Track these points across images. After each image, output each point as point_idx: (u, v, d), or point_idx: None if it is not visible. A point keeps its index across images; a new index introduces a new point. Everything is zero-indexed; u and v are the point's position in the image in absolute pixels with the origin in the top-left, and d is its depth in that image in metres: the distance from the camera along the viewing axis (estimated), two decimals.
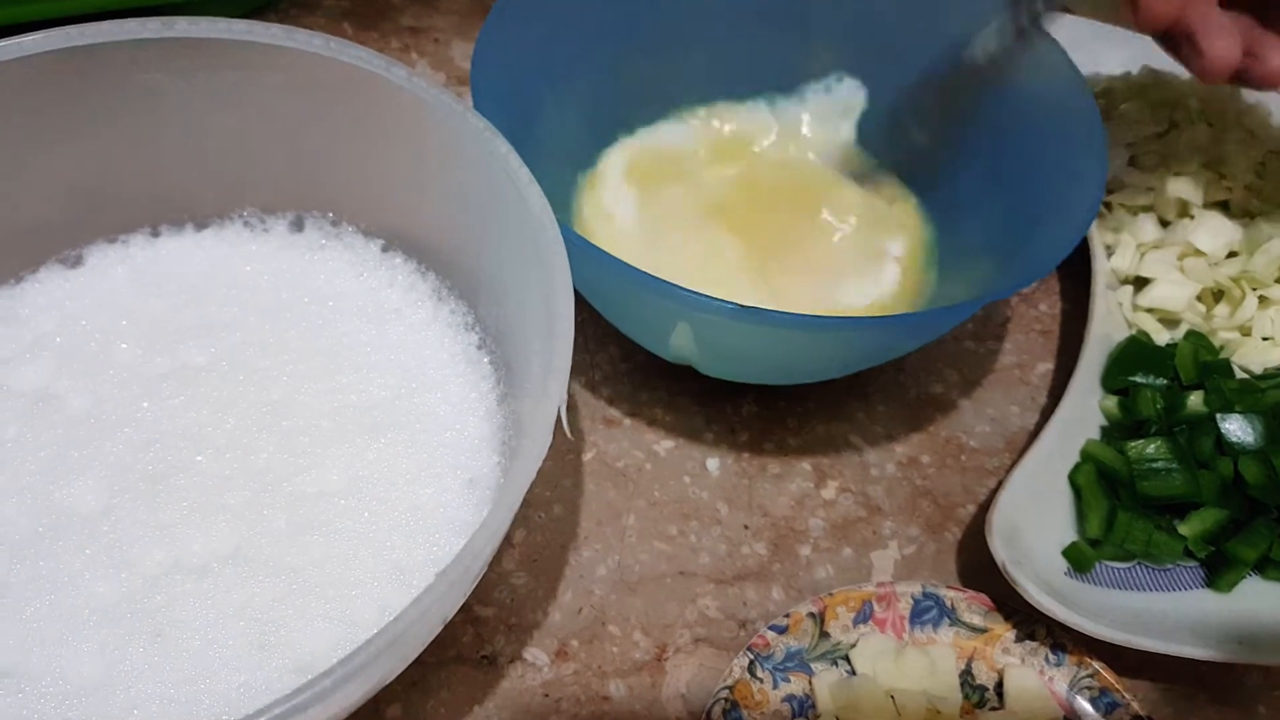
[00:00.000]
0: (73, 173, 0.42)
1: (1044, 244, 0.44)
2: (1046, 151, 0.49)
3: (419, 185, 0.43)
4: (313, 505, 0.37)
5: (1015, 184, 0.50)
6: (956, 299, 0.49)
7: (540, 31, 0.50)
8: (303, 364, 0.41)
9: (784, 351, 0.45)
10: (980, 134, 0.52)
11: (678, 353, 0.46)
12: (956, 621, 0.44)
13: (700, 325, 0.42)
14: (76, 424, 0.38)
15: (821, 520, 0.48)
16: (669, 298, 0.39)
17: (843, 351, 0.45)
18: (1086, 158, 0.46)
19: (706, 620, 0.44)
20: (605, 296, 0.46)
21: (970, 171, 0.53)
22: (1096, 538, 0.46)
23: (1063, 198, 0.46)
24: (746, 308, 0.38)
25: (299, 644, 0.34)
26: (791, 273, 0.51)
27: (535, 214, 0.37)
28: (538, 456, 0.31)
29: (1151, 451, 0.47)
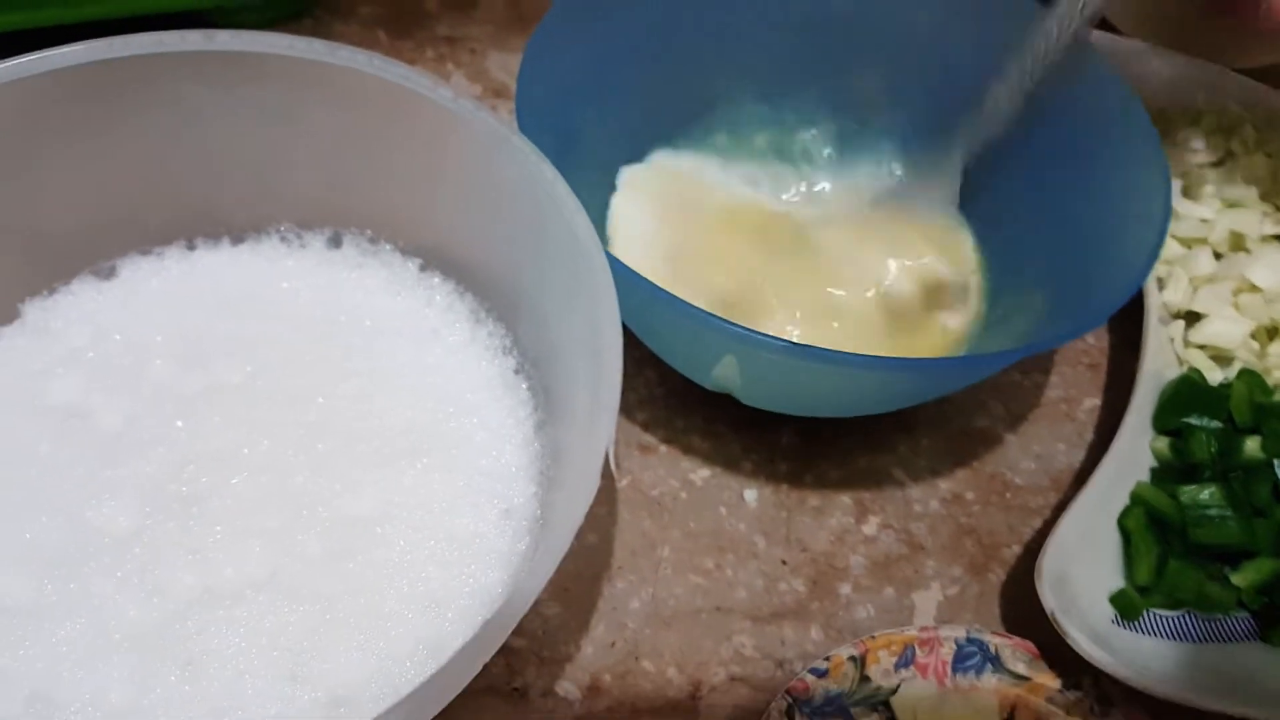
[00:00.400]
0: (108, 183, 0.42)
1: (1101, 288, 0.44)
2: (1108, 189, 0.48)
3: (459, 205, 0.43)
4: (348, 531, 0.37)
5: (1072, 219, 0.49)
6: (1007, 330, 0.49)
7: (584, 52, 0.49)
8: (339, 384, 0.41)
9: (831, 387, 0.44)
10: (1038, 165, 0.52)
11: (719, 384, 0.45)
12: (1000, 669, 0.44)
13: (747, 359, 0.42)
14: (109, 442, 0.38)
15: (862, 557, 0.47)
16: (719, 333, 0.38)
17: (891, 390, 0.45)
18: (1150, 200, 0.45)
19: (743, 659, 0.44)
20: (646, 325, 0.46)
21: (1025, 203, 0.52)
22: (1146, 585, 0.45)
23: (1122, 239, 0.45)
24: (799, 345, 0.38)
25: (332, 676, 0.34)
26: (832, 302, 0.51)
27: (582, 243, 0.36)
28: (586, 499, 0.31)
29: (1205, 498, 0.46)
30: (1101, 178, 0.49)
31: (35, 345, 0.40)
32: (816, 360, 0.38)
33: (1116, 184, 0.48)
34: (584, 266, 0.36)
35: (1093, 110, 0.50)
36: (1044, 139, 0.51)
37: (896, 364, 0.41)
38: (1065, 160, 0.51)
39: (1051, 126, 0.51)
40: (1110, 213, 0.47)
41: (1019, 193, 0.53)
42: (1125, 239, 0.45)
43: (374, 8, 0.66)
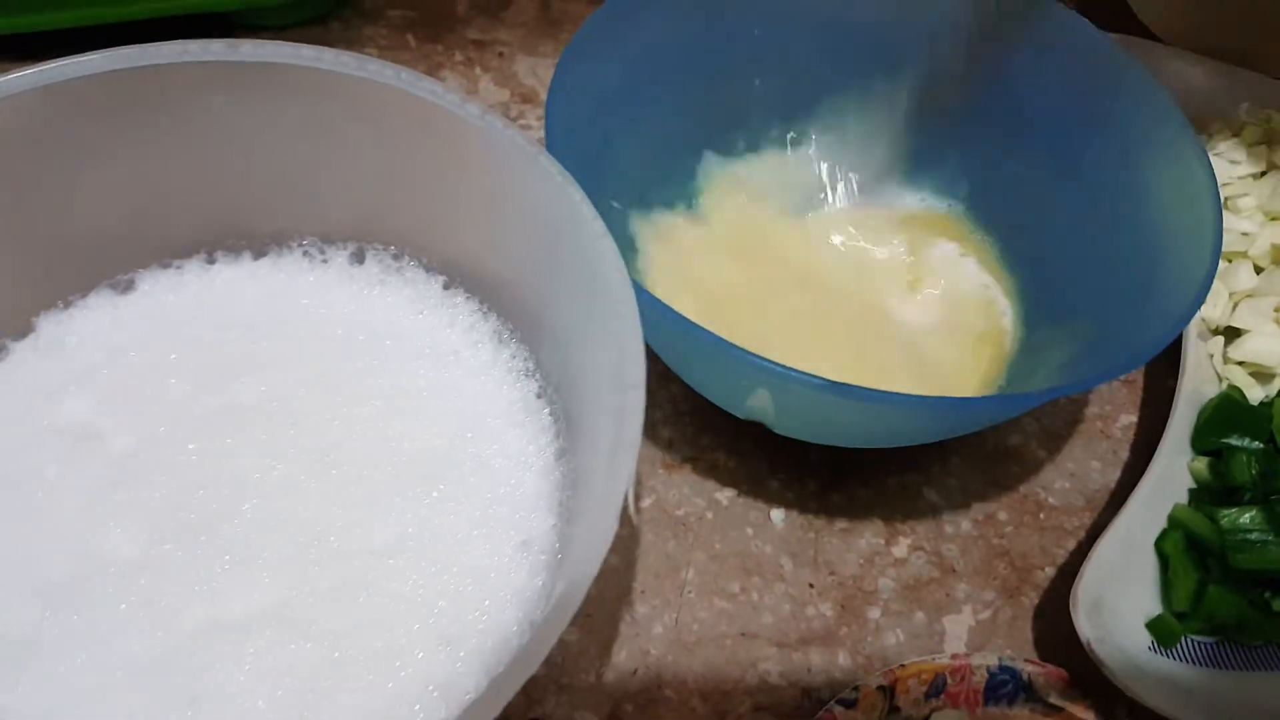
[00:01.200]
0: (128, 194, 0.39)
1: (1146, 321, 0.40)
2: (1154, 214, 0.44)
3: (485, 222, 0.40)
4: (359, 564, 0.34)
5: (1116, 244, 0.46)
6: (1046, 359, 0.45)
7: (615, 69, 0.46)
8: (356, 408, 0.38)
9: (866, 422, 0.41)
10: (1080, 185, 0.48)
11: (751, 414, 0.42)
12: (1033, 698, 0.40)
13: (783, 393, 0.39)
14: (119, 465, 0.35)
15: (892, 580, 0.44)
16: (756, 369, 0.35)
17: (928, 425, 0.41)
18: (1199, 229, 0.41)
19: (768, 687, 0.41)
20: (677, 355, 0.43)
21: (1066, 225, 0.49)
22: (1184, 611, 0.42)
23: (1169, 268, 0.42)
24: (835, 383, 0.34)
25: (339, 718, 0.31)
26: (872, 338, 0.48)
27: (607, 270, 0.33)
28: (600, 550, 0.28)
29: (1246, 521, 0.43)
30: (1148, 201, 0.45)
31: (48, 362, 0.37)
32: (853, 398, 0.35)
33: (1164, 209, 0.44)
34: (608, 293, 0.33)
35: (1135, 128, 0.46)
36: (1086, 158, 0.48)
37: (935, 403, 0.38)
38: (1110, 180, 0.47)
39: (1096, 147, 0.47)
40: (1157, 240, 0.43)
41: (1059, 214, 0.49)
42: (1172, 268, 0.41)
43: (403, 10, 0.63)
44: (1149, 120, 0.45)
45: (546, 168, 0.36)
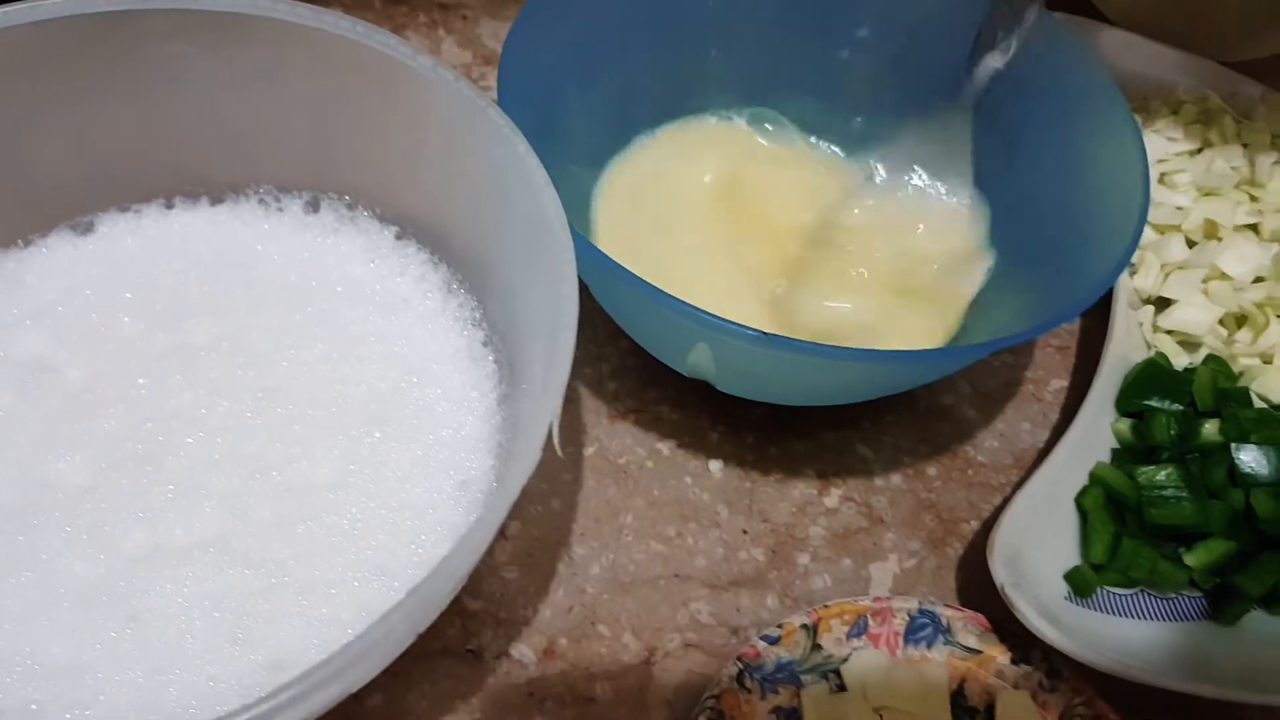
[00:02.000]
0: (90, 138, 0.39)
1: (1078, 281, 0.40)
2: (1086, 181, 0.45)
3: (437, 175, 0.40)
4: (300, 497, 0.34)
5: (1051, 211, 0.46)
6: (986, 322, 0.46)
7: (571, 31, 0.46)
8: (304, 350, 0.38)
9: (806, 378, 0.41)
10: (1017, 156, 0.48)
11: (695, 370, 0.42)
12: (951, 641, 0.41)
13: (720, 348, 0.39)
14: (71, 397, 0.36)
15: (822, 529, 0.44)
16: (691, 320, 0.35)
17: (866, 380, 0.41)
18: (1127, 195, 0.42)
19: (698, 625, 0.41)
20: (622, 311, 0.43)
21: (1004, 194, 0.49)
22: (1100, 563, 0.43)
23: (1100, 233, 0.42)
24: (769, 335, 0.35)
25: (273, 640, 0.31)
26: (812, 292, 0.48)
27: (547, 217, 0.33)
28: (525, 472, 0.28)
29: (1162, 478, 0.43)
30: (1080, 170, 0.45)
31: (6, 297, 0.38)
32: (786, 350, 0.35)
33: (1095, 177, 0.44)
34: (548, 241, 0.33)
35: (1075, 101, 0.46)
36: (1027, 130, 0.48)
37: (867, 355, 0.38)
38: (1045, 151, 0.47)
39: (1036, 119, 0.47)
40: (1088, 206, 0.44)
41: (997, 182, 0.49)
42: (1102, 232, 0.42)
43: None
44: (1087, 95, 0.45)
45: (494, 120, 0.36)
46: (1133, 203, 0.41)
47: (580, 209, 0.48)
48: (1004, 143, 0.49)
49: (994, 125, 0.49)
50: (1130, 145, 0.43)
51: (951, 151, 0.51)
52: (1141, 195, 0.41)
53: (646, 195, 0.51)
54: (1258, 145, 0.55)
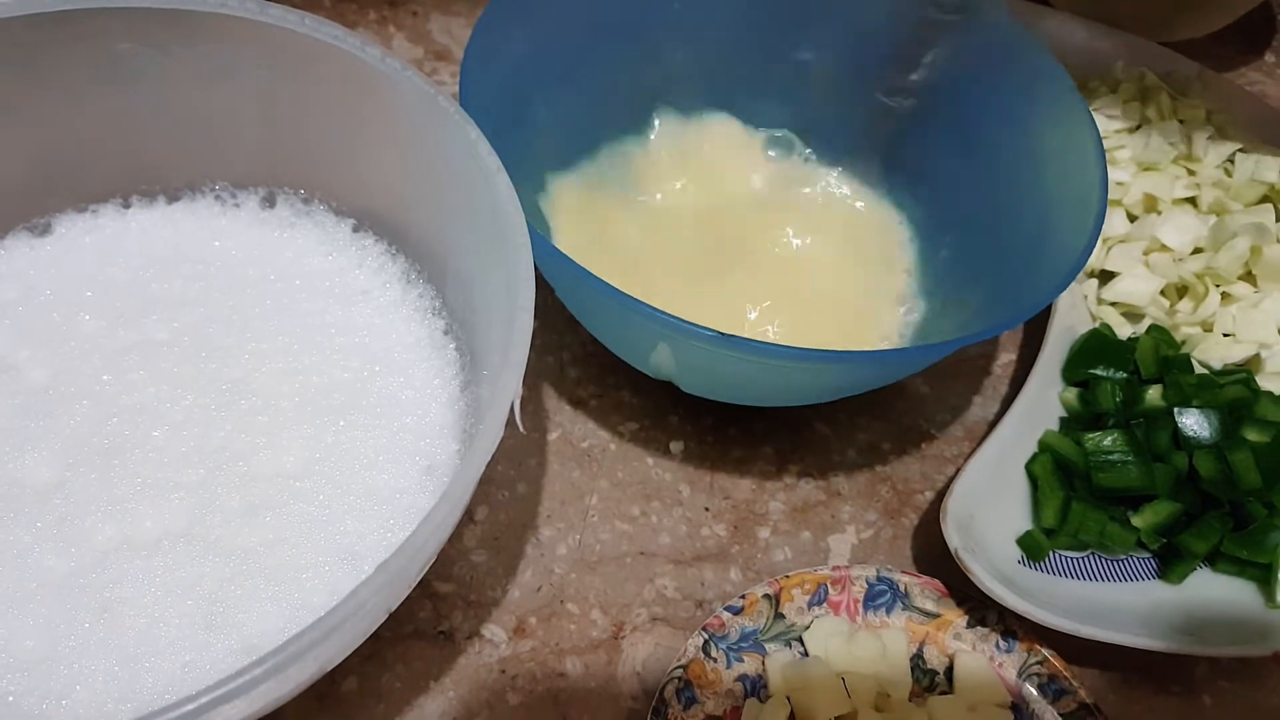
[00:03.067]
0: (44, 140, 0.39)
1: (1035, 279, 0.41)
2: (1042, 175, 0.46)
3: (390, 165, 0.41)
4: (267, 486, 0.35)
5: (1006, 209, 0.47)
6: (943, 325, 0.47)
7: (534, 33, 0.46)
8: (265, 343, 0.38)
9: (767, 378, 0.41)
10: (974, 157, 0.49)
11: (658, 371, 0.43)
12: (909, 606, 0.42)
13: (681, 348, 0.39)
14: (34, 395, 0.36)
15: (781, 504, 0.46)
16: (651, 321, 0.36)
17: (829, 380, 0.42)
18: (1084, 190, 0.42)
19: (664, 600, 0.42)
20: (586, 312, 0.43)
21: (962, 194, 0.50)
22: (1051, 527, 0.44)
23: (1057, 231, 0.43)
24: (727, 335, 0.35)
25: (246, 626, 0.32)
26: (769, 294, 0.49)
27: (501, 202, 0.34)
28: (488, 449, 0.29)
29: (1108, 444, 0.45)
30: (1040, 168, 0.46)
31: None
32: (746, 351, 0.36)
33: (1054, 176, 0.45)
34: (502, 225, 0.34)
35: (1029, 97, 0.47)
36: (983, 127, 0.49)
37: (827, 356, 0.37)
38: (1005, 150, 0.48)
39: (992, 117, 0.48)
40: (1047, 204, 0.44)
41: (959, 183, 0.50)
42: (1060, 231, 0.42)
43: None
44: (1044, 93, 0.46)
45: (444, 107, 0.36)
46: (1089, 202, 0.42)
47: (544, 211, 0.49)
48: (962, 142, 0.50)
49: (952, 125, 0.50)
50: (1088, 143, 0.43)
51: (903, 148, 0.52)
52: (1099, 192, 0.42)
53: (610, 197, 0.51)
54: (1194, 121, 0.57)
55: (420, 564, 0.29)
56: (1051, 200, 0.45)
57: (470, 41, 0.42)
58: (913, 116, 0.52)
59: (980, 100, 0.49)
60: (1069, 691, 0.41)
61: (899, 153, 0.53)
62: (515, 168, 0.36)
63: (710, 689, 0.39)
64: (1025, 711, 0.41)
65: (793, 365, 0.38)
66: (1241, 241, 0.51)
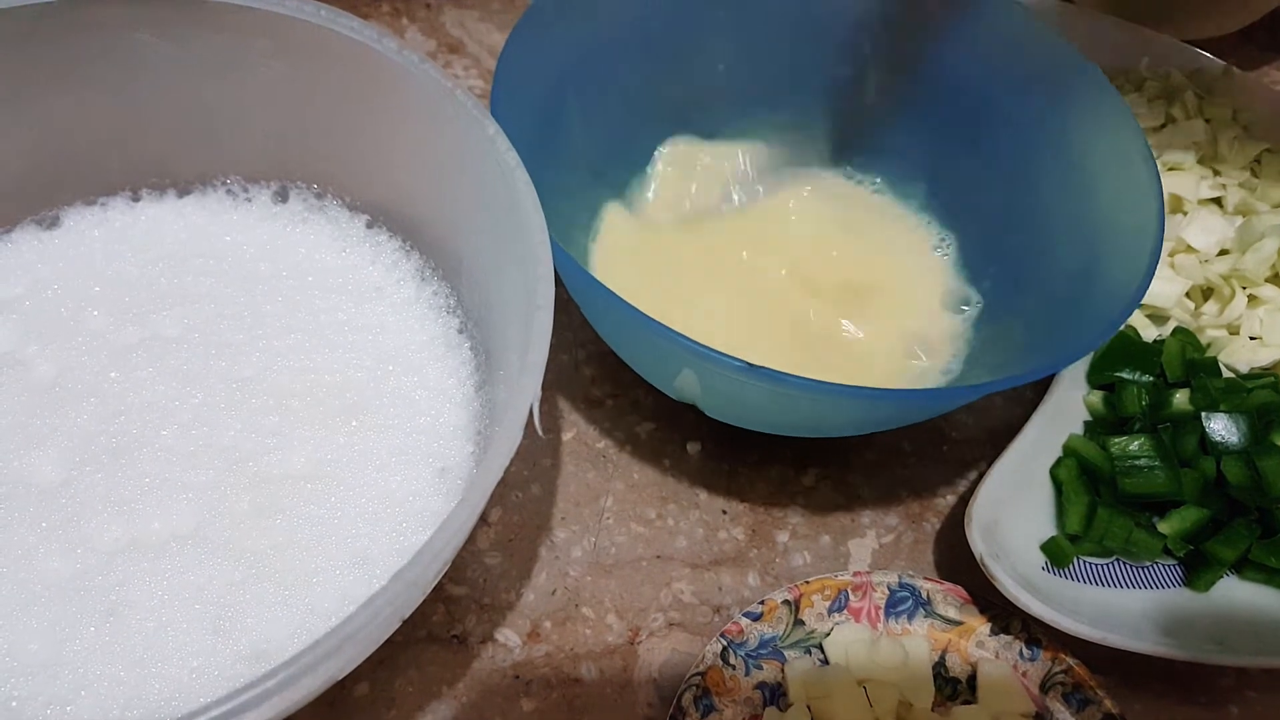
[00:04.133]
0: (54, 131, 0.39)
1: (1085, 312, 0.39)
2: (1092, 207, 0.43)
3: (406, 161, 0.40)
4: (277, 488, 0.34)
5: (1052, 234, 0.45)
6: (986, 360, 0.45)
7: (572, 44, 0.44)
8: (277, 340, 0.38)
9: (796, 412, 0.39)
10: (1031, 191, 0.47)
11: (681, 395, 0.41)
12: (932, 613, 0.41)
13: (707, 376, 0.37)
14: (41, 392, 0.35)
15: (800, 507, 0.45)
16: (677, 347, 0.34)
17: (858, 416, 0.40)
18: (1142, 213, 0.40)
19: (681, 605, 0.41)
20: (613, 333, 0.41)
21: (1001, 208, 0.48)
22: (1076, 533, 0.43)
23: (1109, 267, 0.40)
24: (755, 367, 0.33)
25: (255, 630, 0.31)
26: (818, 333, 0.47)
27: (520, 199, 0.33)
28: (506, 454, 0.28)
29: (1134, 448, 0.44)
30: (1092, 201, 0.44)
31: None
32: (772, 383, 0.34)
33: (1103, 198, 0.43)
34: (520, 222, 0.33)
35: (1089, 134, 0.44)
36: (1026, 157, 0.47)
37: (861, 393, 0.35)
38: (1058, 182, 0.46)
39: (1043, 146, 0.46)
40: (1098, 237, 0.42)
41: (998, 209, 0.48)
42: (1111, 267, 0.40)
43: None
44: (1096, 118, 0.44)
45: (462, 102, 0.35)
46: (1145, 236, 0.39)
47: (580, 229, 0.47)
48: (1011, 173, 0.48)
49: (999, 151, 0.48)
50: (1143, 173, 0.41)
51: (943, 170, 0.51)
52: (1156, 229, 0.39)
53: (644, 211, 0.50)
54: (1220, 120, 0.56)
55: (436, 570, 0.28)
56: (1102, 230, 0.42)
57: (503, 52, 0.40)
58: (953, 137, 0.50)
59: (1028, 124, 0.47)
60: (1094, 701, 0.40)
61: (941, 176, 0.51)
62: (549, 180, 0.35)
63: (729, 696, 0.38)
64: None
65: (825, 400, 0.36)
66: (1269, 243, 0.50)
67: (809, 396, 0.35)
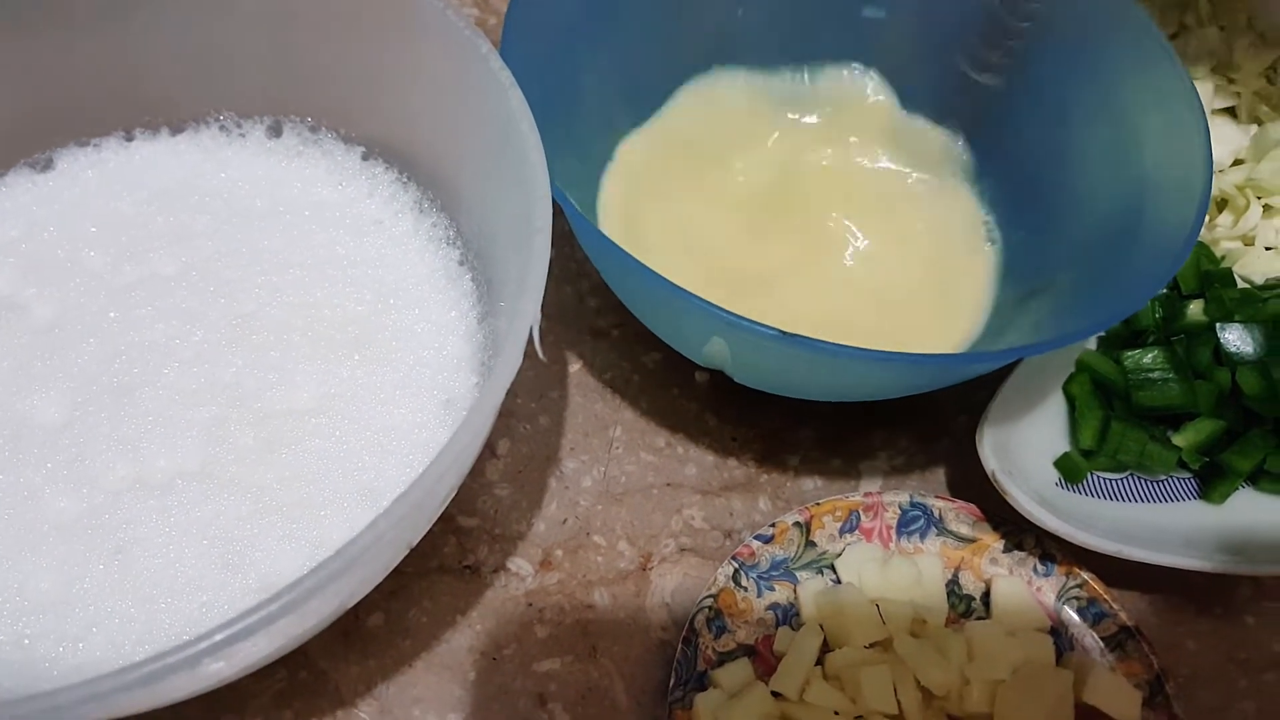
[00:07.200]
0: (44, 72, 0.38)
1: (1127, 270, 0.37)
2: (1138, 154, 0.40)
3: (400, 88, 0.38)
4: (282, 423, 0.33)
5: (1092, 182, 0.42)
6: (1024, 319, 0.42)
7: None
8: (276, 276, 0.37)
9: (831, 377, 0.38)
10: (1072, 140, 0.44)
11: (709, 361, 0.39)
12: (944, 531, 0.41)
13: (738, 344, 0.36)
14: (41, 334, 0.34)
15: (811, 430, 0.44)
16: (710, 317, 0.32)
17: (895, 380, 0.38)
18: (1187, 164, 0.37)
19: (692, 530, 0.41)
20: (635, 299, 0.40)
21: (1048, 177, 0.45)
22: (1089, 448, 0.42)
23: (1151, 222, 0.38)
24: (790, 334, 0.32)
25: (264, 564, 0.30)
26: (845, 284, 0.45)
27: (515, 119, 0.32)
28: (507, 377, 0.27)
29: (1148, 361, 0.43)
30: (1135, 154, 0.41)
31: None
32: (808, 350, 0.32)
33: (1149, 148, 0.40)
34: (516, 142, 0.32)
35: (1119, 62, 0.42)
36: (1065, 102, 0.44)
37: (894, 357, 0.33)
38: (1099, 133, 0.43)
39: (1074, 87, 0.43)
40: (1141, 192, 0.39)
41: (1034, 156, 0.45)
42: (1154, 223, 0.38)
43: None
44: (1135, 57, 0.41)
45: (453, 22, 0.34)
46: (1191, 190, 0.36)
47: (590, 182, 0.45)
48: (1042, 108, 0.45)
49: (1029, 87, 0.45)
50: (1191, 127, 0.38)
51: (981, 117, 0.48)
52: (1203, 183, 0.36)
53: (661, 163, 0.47)
54: (1234, 27, 0.54)
55: (440, 496, 0.27)
56: (1145, 180, 0.40)
57: (509, 10, 0.38)
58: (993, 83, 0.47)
59: (1066, 66, 0.44)
60: (1109, 615, 0.39)
61: (978, 124, 0.48)
62: (559, 135, 0.33)
63: (741, 618, 0.38)
64: (1065, 635, 0.39)
65: (861, 365, 0.34)
66: None
67: (847, 362, 0.33)
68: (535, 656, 0.38)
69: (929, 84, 0.48)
